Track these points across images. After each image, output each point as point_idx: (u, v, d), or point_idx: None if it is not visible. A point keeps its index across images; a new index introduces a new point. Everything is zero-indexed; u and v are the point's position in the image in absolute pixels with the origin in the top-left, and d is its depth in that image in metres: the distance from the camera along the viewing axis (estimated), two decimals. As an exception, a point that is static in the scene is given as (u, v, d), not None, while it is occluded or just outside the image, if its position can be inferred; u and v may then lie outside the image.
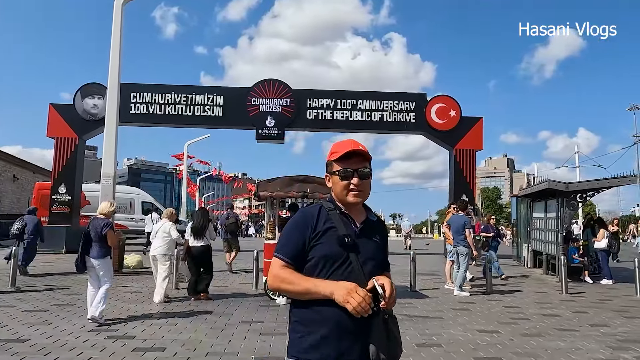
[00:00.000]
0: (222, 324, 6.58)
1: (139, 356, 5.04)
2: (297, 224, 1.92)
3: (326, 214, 1.90)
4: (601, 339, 6.05)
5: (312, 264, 1.84)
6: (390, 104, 18.73)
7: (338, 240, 1.83)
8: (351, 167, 1.89)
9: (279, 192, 8.33)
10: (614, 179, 11.39)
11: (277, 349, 5.36)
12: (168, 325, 6.44)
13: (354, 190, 1.88)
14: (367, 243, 1.91)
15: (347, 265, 1.82)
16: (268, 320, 6.87)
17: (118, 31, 12.08)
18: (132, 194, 22.64)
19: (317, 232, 1.85)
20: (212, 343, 5.60)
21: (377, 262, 1.92)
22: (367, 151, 1.95)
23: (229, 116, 18.35)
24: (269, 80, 18.68)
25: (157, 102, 18.11)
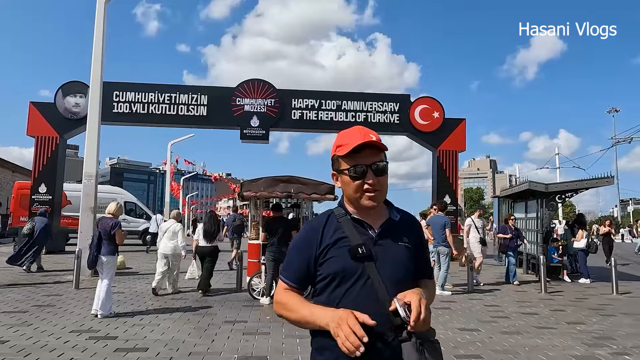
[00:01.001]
0: (206, 324, 6.57)
1: (121, 357, 5.01)
2: (300, 242, 1.68)
3: (336, 223, 1.62)
4: (577, 336, 6.20)
5: (324, 283, 1.58)
6: (375, 104, 18.85)
7: (350, 253, 1.54)
8: (363, 163, 1.57)
9: (262, 192, 8.36)
10: (591, 180, 11.64)
11: (260, 349, 5.39)
12: (150, 326, 6.42)
13: (369, 190, 1.57)
14: (389, 250, 1.59)
15: (364, 281, 1.53)
16: (251, 320, 6.88)
17: (101, 30, 11.94)
18: (115, 194, 22.39)
19: (324, 247, 1.59)
20: (195, 343, 5.60)
21: (405, 271, 1.60)
22: (380, 140, 1.60)
23: (213, 116, 18.27)
24: (253, 80, 18.65)
25: (141, 101, 17.94)
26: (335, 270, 1.55)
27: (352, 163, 1.57)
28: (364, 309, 1.45)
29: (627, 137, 33.85)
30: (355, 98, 19.04)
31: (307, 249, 1.62)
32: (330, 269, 1.56)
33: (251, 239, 9.10)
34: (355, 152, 1.56)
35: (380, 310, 1.47)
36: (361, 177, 1.57)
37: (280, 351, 5.31)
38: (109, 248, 7.02)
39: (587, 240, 12.31)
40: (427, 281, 1.72)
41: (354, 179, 1.58)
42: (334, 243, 1.58)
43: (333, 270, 1.55)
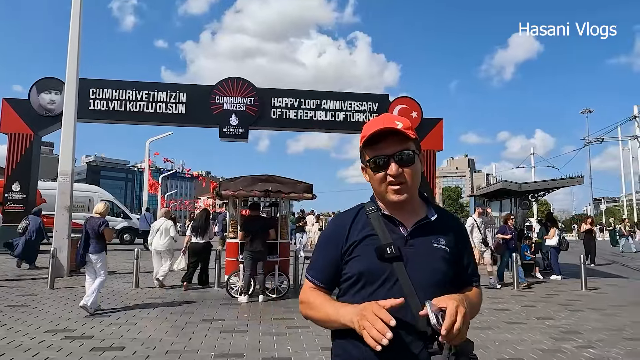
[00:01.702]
0: (183, 323, 6.59)
1: (97, 356, 5.01)
2: (327, 238, 1.56)
3: (365, 218, 1.50)
4: (546, 331, 6.43)
5: (349, 283, 1.46)
6: (354, 104, 19.02)
7: (377, 252, 1.41)
8: (385, 153, 1.43)
9: (241, 191, 8.39)
10: (562, 180, 12.00)
11: (237, 346, 5.44)
12: (127, 325, 6.41)
13: (393, 183, 1.43)
14: (421, 251, 1.44)
15: (392, 284, 1.39)
16: (229, 318, 6.92)
17: (77, 25, 11.77)
18: (91, 192, 22.09)
19: (351, 244, 1.47)
20: (172, 341, 5.62)
21: (440, 276, 1.43)
22: (407, 126, 1.44)
23: (192, 114, 18.16)
24: (232, 79, 18.59)
25: (118, 98, 17.72)
26: (361, 270, 1.42)
27: (373, 154, 1.45)
28: (392, 314, 1.29)
29: (599, 138, 34.79)
30: (334, 97, 19.16)
31: (333, 245, 1.50)
32: (356, 269, 1.44)
33: (229, 238, 9.13)
34: (376, 141, 1.43)
35: (408, 318, 1.34)
36: (383, 168, 1.43)
37: (257, 348, 5.37)
38: (97, 246, 7.24)
39: (558, 238, 12.67)
40: (471, 289, 1.55)
41: (375, 171, 1.45)
42: (361, 240, 1.45)
43: (358, 270, 1.43)
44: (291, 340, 5.72)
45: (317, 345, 5.51)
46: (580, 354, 5.36)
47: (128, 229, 22.29)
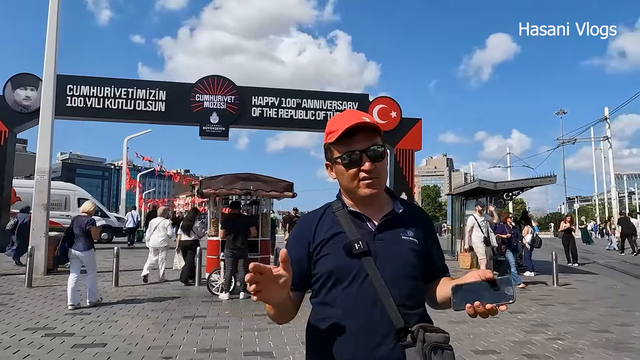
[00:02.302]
0: (164, 319, 6.64)
1: (79, 352, 5.04)
2: (294, 238, 1.56)
3: (332, 216, 1.49)
4: (518, 324, 6.68)
5: (319, 283, 1.45)
6: (334, 103, 19.16)
7: (346, 249, 1.40)
8: (357, 148, 1.40)
9: (222, 189, 8.45)
10: (536, 179, 12.40)
11: (219, 342, 5.53)
12: (108, 322, 6.43)
13: (366, 179, 1.41)
14: (390, 245, 1.43)
15: (362, 279, 1.38)
16: (210, 315, 6.99)
17: (55, 19, 11.62)
18: (68, 190, 21.72)
19: (318, 243, 1.46)
20: (154, 337, 5.68)
21: (410, 268, 1.42)
22: (375, 122, 1.44)
23: (171, 112, 18.04)
24: (213, 77, 18.54)
25: (96, 95, 17.48)
26: (330, 269, 1.41)
27: (344, 150, 1.42)
28: (364, 310, 1.36)
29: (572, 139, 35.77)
30: (315, 96, 19.28)
31: (301, 245, 1.49)
32: (325, 267, 1.43)
33: (210, 236, 9.18)
34: (347, 137, 1.41)
35: (380, 312, 1.36)
36: (356, 164, 1.41)
37: (238, 343, 5.47)
38: (85, 244, 7.42)
39: (532, 236, 13.04)
40: (446, 279, 1.54)
41: (347, 167, 1.42)
42: (329, 239, 1.44)
43: (328, 269, 1.42)
44: (272, 336, 5.83)
45: (297, 340, 5.64)
46: (549, 345, 5.61)
47: (106, 228, 22.03)
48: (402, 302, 1.38)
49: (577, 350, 5.39)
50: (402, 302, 1.38)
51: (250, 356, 4.99)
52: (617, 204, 43.44)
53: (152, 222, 10.48)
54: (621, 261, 17.12)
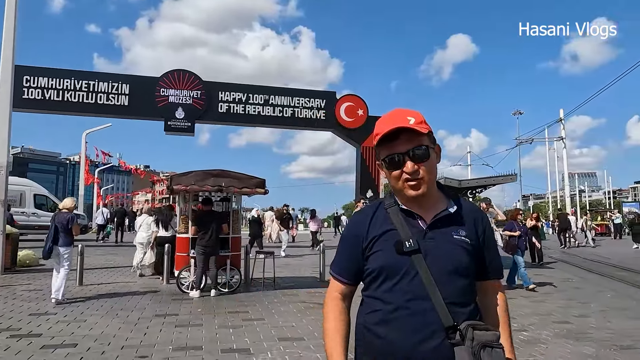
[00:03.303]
0: (135, 318, 6.52)
1: (49, 353, 4.90)
2: (348, 234, 1.61)
3: (384, 213, 1.53)
4: (484, 317, 6.93)
5: (370, 278, 1.50)
6: (302, 100, 19.20)
7: (396, 246, 1.44)
8: (399, 151, 1.44)
9: (193, 186, 8.34)
10: (497, 177, 12.86)
11: (194, 339, 5.49)
12: (76, 322, 6.25)
13: (409, 180, 1.45)
14: (441, 244, 1.46)
15: (412, 277, 1.41)
16: (182, 313, 6.91)
17: (13, 8, 11.11)
18: (23, 186, 20.80)
19: (371, 239, 1.50)
20: (126, 337, 5.57)
21: (460, 267, 1.45)
22: (419, 121, 1.46)
23: (135, 106, 17.62)
24: (178, 71, 18.22)
25: (55, 87, 16.86)
26: (381, 265, 1.46)
27: (387, 152, 1.46)
28: (413, 306, 1.40)
29: (529, 139, 37.15)
30: (282, 93, 19.26)
31: (355, 241, 1.54)
32: (376, 263, 1.47)
33: (180, 233, 9.05)
34: (390, 139, 1.45)
35: (429, 309, 1.38)
36: (398, 166, 1.45)
37: (214, 341, 5.45)
38: (66, 240, 7.55)
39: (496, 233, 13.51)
40: (493, 285, 1.58)
41: (390, 169, 1.47)
42: (381, 235, 1.49)
43: (379, 265, 1.46)
44: (248, 332, 5.84)
45: (274, 336, 5.67)
46: (515, 336, 5.77)
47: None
48: (451, 300, 1.40)
49: (541, 340, 5.67)
50: (451, 300, 1.40)
51: (227, 353, 4.98)
52: (569, 201, 45.50)
53: (137, 220, 11.18)
54: (572, 255, 17.97)
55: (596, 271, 12.86)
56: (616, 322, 6.65)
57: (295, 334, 5.79)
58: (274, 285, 9.41)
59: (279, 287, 9.26)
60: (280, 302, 7.83)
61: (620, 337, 5.82)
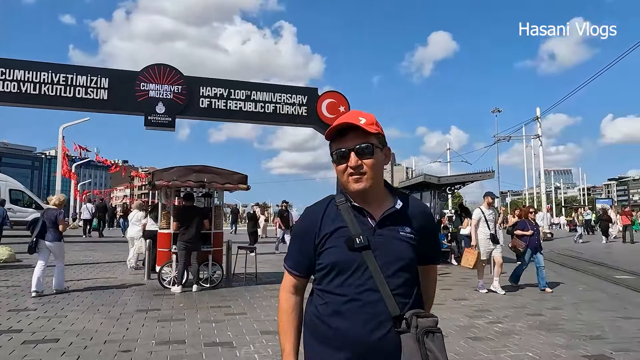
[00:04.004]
0: (117, 313, 6.52)
1: (31, 349, 4.89)
2: (300, 230, 1.68)
3: (335, 210, 1.60)
4: (461, 310, 7.14)
5: (323, 273, 1.58)
6: (284, 96, 19.15)
7: (347, 243, 1.52)
8: (346, 146, 1.54)
9: (175, 181, 8.34)
10: (476, 174, 13.11)
11: (177, 334, 5.54)
12: (57, 318, 6.23)
13: (353, 174, 1.54)
14: (389, 240, 1.55)
15: (362, 272, 1.51)
16: (164, 308, 6.94)
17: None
18: (-2, 180, 20.38)
19: (323, 236, 1.58)
20: (108, 332, 5.59)
21: (405, 262, 1.55)
22: (370, 122, 1.56)
23: (115, 100, 17.30)
24: (159, 65, 17.99)
25: (31, 80, 16.44)
26: (334, 261, 1.54)
27: (336, 147, 1.57)
28: (363, 298, 1.49)
29: (507, 136, 37.79)
30: (264, 89, 19.18)
31: (307, 237, 1.62)
32: (329, 259, 1.55)
33: (161, 228, 9.03)
34: (340, 135, 1.56)
35: (378, 301, 1.49)
36: (344, 160, 1.54)
37: (197, 335, 5.50)
38: (55, 235, 7.85)
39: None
40: (428, 267, 1.74)
41: (336, 163, 1.57)
42: (333, 232, 1.56)
43: (331, 261, 1.55)
44: (230, 326, 5.91)
45: (256, 329, 5.75)
46: (491, 328, 6.07)
47: (40, 221, 20.90)
48: (397, 292, 1.51)
49: (515, 332, 5.87)
50: (397, 292, 1.51)
51: (210, 347, 5.04)
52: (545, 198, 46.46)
53: (130, 215, 11.92)
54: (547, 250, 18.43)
55: (569, 265, 13.28)
56: (587, 314, 6.92)
57: (277, 328, 5.85)
58: (255, 281, 9.48)
59: (261, 282, 9.33)
60: (262, 297, 7.90)
61: (590, 328, 6.07)
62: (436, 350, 1.43)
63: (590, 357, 4.87)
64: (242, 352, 4.87)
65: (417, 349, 1.42)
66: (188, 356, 4.72)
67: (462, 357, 4.81)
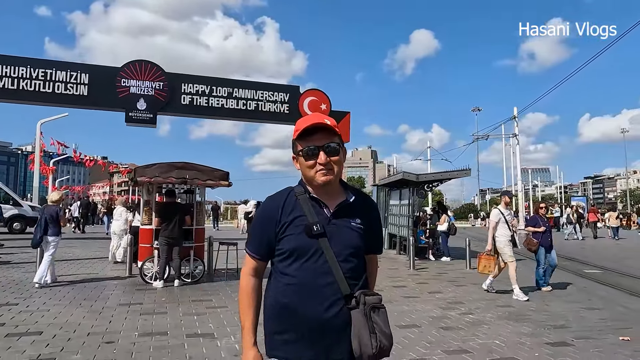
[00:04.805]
0: (100, 307, 6.63)
1: (15, 341, 4.99)
2: (262, 218, 1.84)
3: (294, 201, 1.79)
4: (436, 302, 7.43)
5: (282, 257, 1.75)
6: (266, 94, 19.28)
7: (306, 230, 1.71)
8: (316, 144, 1.73)
9: (157, 177, 8.44)
10: (453, 172, 13.46)
11: (159, 326, 5.69)
12: (39, 312, 6.31)
13: (321, 169, 1.73)
14: (341, 229, 1.76)
15: (318, 257, 1.70)
16: (147, 302, 7.06)
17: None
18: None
19: (283, 224, 1.75)
20: (91, 324, 5.70)
21: (354, 249, 1.77)
22: (334, 124, 1.77)
23: (95, 96, 17.21)
24: (140, 61, 17.95)
25: (9, 75, 16.26)
26: (294, 247, 1.72)
27: (306, 144, 1.74)
28: (318, 280, 1.69)
29: (485, 135, 38.50)
30: (246, 86, 19.28)
31: (268, 225, 1.78)
32: (289, 245, 1.73)
33: (143, 224, 9.12)
34: (308, 134, 1.73)
35: (331, 282, 1.69)
36: (313, 157, 1.72)
37: (179, 327, 5.66)
38: (54, 230, 8.30)
39: (448, 224, 14.15)
40: (372, 256, 1.96)
41: (306, 159, 1.74)
42: (292, 221, 1.74)
43: (291, 247, 1.72)
44: (212, 319, 6.08)
45: (237, 321, 5.91)
46: (462, 319, 6.35)
47: (18, 218, 20.64)
48: (349, 275, 1.72)
49: (485, 322, 6.17)
50: (349, 275, 1.72)
51: (192, 337, 5.21)
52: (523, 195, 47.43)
53: (115, 211, 12.09)
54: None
55: (542, 261, 13.70)
56: (553, 306, 7.28)
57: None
58: (237, 276, 9.63)
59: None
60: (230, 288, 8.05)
61: (555, 318, 6.42)
62: (381, 322, 1.67)
63: (553, 344, 5.18)
64: (223, 342, 5.06)
65: (364, 323, 1.65)
66: (171, 347, 4.88)
67: (432, 346, 5.07)
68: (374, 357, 1.65)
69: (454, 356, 4.71)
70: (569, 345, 5.14)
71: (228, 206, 59.39)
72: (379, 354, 1.66)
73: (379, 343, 1.65)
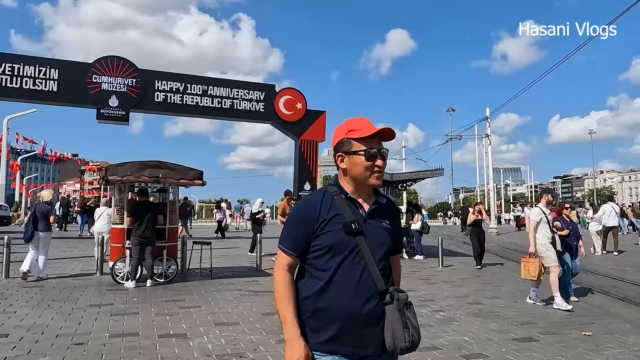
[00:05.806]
0: (69, 308, 6.50)
1: (-21, 344, 4.86)
2: (299, 216, 1.89)
3: (330, 200, 1.86)
4: (408, 300, 7.53)
5: (320, 254, 1.81)
6: (241, 92, 19.18)
7: (345, 228, 1.79)
8: (378, 148, 1.84)
9: (129, 176, 8.32)
10: (426, 172, 13.67)
11: (131, 326, 5.62)
12: (5, 314, 6.15)
13: (377, 172, 1.84)
14: (376, 228, 1.86)
15: (356, 253, 1.79)
16: (118, 303, 6.96)
17: None
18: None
19: (321, 222, 1.82)
20: (60, 326, 5.59)
21: (387, 247, 1.87)
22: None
23: (65, 92, 16.82)
24: (112, 57, 17.60)
25: (-26, 69, 15.78)
26: (332, 243, 1.79)
27: (367, 146, 1.83)
28: (356, 276, 1.77)
29: (458, 135, 39.16)
30: (221, 84, 19.13)
31: (306, 222, 1.84)
32: (327, 241, 1.79)
33: (115, 223, 8.97)
34: (370, 137, 1.83)
35: (368, 278, 1.78)
36: (373, 159, 1.83)
37: (151, 327, 5.61)
38: (46, 226, 8.76)
39: (421, 223, 14.36)
40: (395, 257, 2.06)
41: (368, 160, 1.82)
42: (331, 219, 1.81)
43: (330, 243, 1.79)
44: (185, 319, 6.03)
45: (210, 321, 5.91)
46: (433, 316, 6.48)
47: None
48: (382, 271, 1.83)
49: (455, 319, 6.32)
50: (382, 271, 1.83)
51: (164, 338, 5.17)
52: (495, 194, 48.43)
53: (97, 210, 11.51)
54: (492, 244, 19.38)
55: (512, 258, 14.06)
56: (521, 303, 7.49)
57: (230, 319, 6.06)
58: (211, 275, 9.58)
59: (216, 277, 9.44)
60: (217, 291, 8.04)
61: (522, 315, 6.61)
62: (412, 318, 1.79)
63: (519, 339, 5.35)
64: (196, 342, 5.03)
65: (398, 318, 1.75)
66: (142, 347, 4.83)
67: (404, 343, 5.15)
68: (406, 350, 1.76)
69: (425, 353, 4.81)
70: (534, 341, 5.31)
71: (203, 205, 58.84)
72: (411, 347, 1.76)
73: (411, 337, 1.75)
